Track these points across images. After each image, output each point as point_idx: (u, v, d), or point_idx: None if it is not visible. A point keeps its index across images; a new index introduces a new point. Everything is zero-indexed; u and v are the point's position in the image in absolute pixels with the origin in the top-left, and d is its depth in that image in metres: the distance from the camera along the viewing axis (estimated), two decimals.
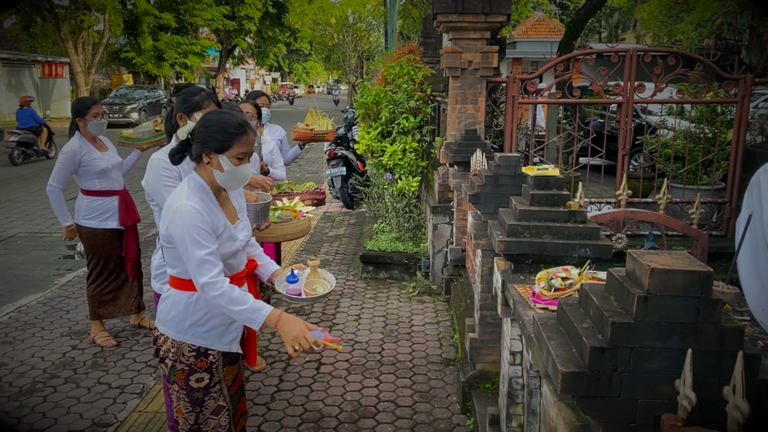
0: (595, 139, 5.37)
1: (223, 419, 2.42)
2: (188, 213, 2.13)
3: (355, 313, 5.08)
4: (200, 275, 2.13)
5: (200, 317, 2.29)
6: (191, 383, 2.35)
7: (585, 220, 2.43)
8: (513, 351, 2.52)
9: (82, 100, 4.36)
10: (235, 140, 2.20)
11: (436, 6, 4.77)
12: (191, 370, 2.34)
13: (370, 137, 6.01)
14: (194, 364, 2.33)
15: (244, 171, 2.25)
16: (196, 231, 2.13)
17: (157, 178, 2.77)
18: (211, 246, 2.16)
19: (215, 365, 2.37)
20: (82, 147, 4.20)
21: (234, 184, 2.30)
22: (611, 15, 31.64)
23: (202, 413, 2.38)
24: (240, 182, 2.30)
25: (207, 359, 2.34)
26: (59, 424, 3.44)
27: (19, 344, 4.46)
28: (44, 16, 23.26)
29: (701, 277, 1.34)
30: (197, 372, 2.34)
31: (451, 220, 5.40)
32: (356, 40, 24.95)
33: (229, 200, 2.40)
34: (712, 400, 1.34)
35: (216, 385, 2.39)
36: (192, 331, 2.30)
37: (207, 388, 2.36)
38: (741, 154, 5.27)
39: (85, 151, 4.21)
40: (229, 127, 2.20)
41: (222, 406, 2.41)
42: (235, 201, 2.46)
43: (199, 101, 2.87)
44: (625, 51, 5.25)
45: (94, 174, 4.24)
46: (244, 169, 2.24)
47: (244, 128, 2.22)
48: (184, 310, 2.29)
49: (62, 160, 4.15)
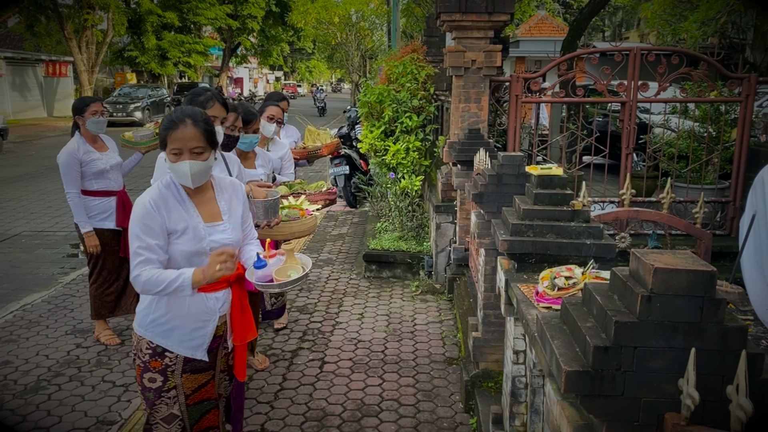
0: (598, 138, 5.36)
1: (174, 429, 2.33)
2: (137, 206, 2.18)
3: (358, 312, 5.08)
4: (132, 268, 2.14)
5: (161, 315, 2.26)
6: (144, 381, 2.30)
7: (588, 220, 2.43)
8: (516, 350, 2.52)
9: (82, 99, 4.38)
10: (167, 136, 2.18)
11: (440, 5, 4.77)
12: (145, 367, 2.29)
13: (374, 136, 6.02)
14: (149, 362, 2.28)
15: (182, 168, 2.18)
16: (138, 224, 2.15)
17: None
18: (147, 240, 2.13)
19: (171, 369, 2.29)
20: (80, 147, 4.19)
21: (182, 180, 2.22)
22: (615, 14, 31.57)
23: (152, 416, 2.31)
24: (183, 179, 2.21)
25: (162, 360, 2.27)
26: (64, 421, 3.45)
27: (24, 342, 4.48)
28: (48, 15, 23.33)
29: (705, 276, 1.34)
30: (150, 371, 2.28)
31: (454, 219, 5.40)
32: (359, 39, 24.94)
33: (215, 200, 2.35)
34: (716, 399, 1.34)
35: (170, 391, 2.30)
36: (152, 328, 2.27)
37: (159, 391, 2.29)
38: (745, 154, 5.26)
39: (83, 151, 4.20)
40: (164, 124, 2.20)
41: (175, 415, 2.32)
42: (226, 202, 2.38)
43: (204, 101, 2.93)
44: (628, 50, 5.24)
45: (92, 174, 4.23)
46: (182, 165, 2.17)
47: (175, 123, 2.17)
48: (148, 305, 2.29)
49: (63, 163, 4.14)
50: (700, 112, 6.26)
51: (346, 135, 9.48)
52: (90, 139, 4.26)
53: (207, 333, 2.32)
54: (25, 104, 25.96)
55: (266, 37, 39.26)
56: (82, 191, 4.25)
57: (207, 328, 2.31)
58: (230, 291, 2.38)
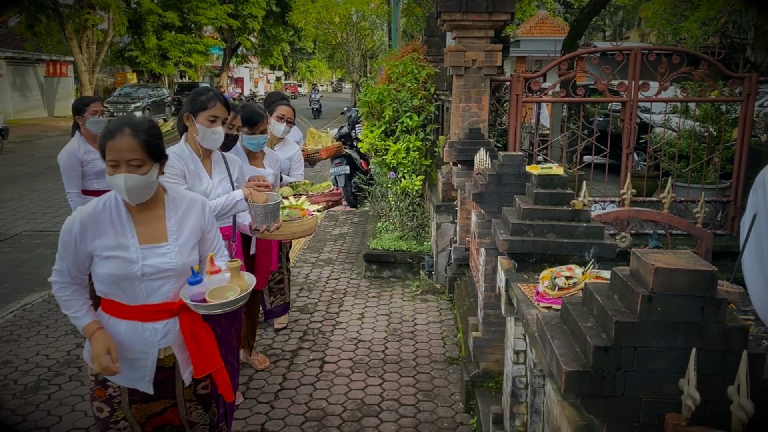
0: (599, 137, 5.35)
1: None
2: (66, 222, 2.10)
3: (358, 312, 5.08)
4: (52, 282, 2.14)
5: None
6: (94, 410, 2.18)
7: (589, 219, 2.43)
8: (516, 350, 2.52)
9: (82, 99, 4.39)
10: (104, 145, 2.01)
11: (440, 4, 4.76)
12: (93, 395, 2.18)
13: (374, 136, 6.01)
14: (94, 390, 2.16)
15: (117, 181, 2.00)
16: (59, 241, 2.10)
17: None
18: (60, 263, 2.10)
19: (116, 400, 2.14)
20: (81, 147, 4.21)
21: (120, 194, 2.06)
22: (615, 13, 31.56)
23: None
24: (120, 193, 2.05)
25: (106, 390, 2.14)
26: (64, 421, 3.45)
27: (24, 342, 4.48)
28: (49, 14, 23.33)
29: (705, 276, 1.33)
30: (96, 400, 2.16)
31: (454, 219, 5.40)
32: (360, 39, 24.93)
33: (163, 219, 2.14)
34: (717, 400, 1.33)
35: (119, 422, 2.16)
36: None
37: (107, 421, 2.16)
38: (746, 153, 5.25)
39: (84, 151, 4.21)
40: (102, 132, 2.08)
41: None
42: (177, 221, 2.16)
43: (205, 101, 2.93)
44: (629, 49, 5.23)
45: (93, 174, 4.24)
46: (117, 179, 2.00)
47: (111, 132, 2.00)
48: None
49: (64, 163, 4.15)
50: (700, 111, 6.26)
51: (346, 135, 9.48)
52: (90, 138, 4.26)
53: (147, 365, 2.13)
54: (25, 104, 25.97)
55: (267, 36, 39.26)
56: (82, 191, 4.25)
57: (147, 360, 2.12)
58: (176, 321, 2.15)
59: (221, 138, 2.97)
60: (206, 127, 2.91)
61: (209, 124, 2.91)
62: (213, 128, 2.92)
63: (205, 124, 2.91)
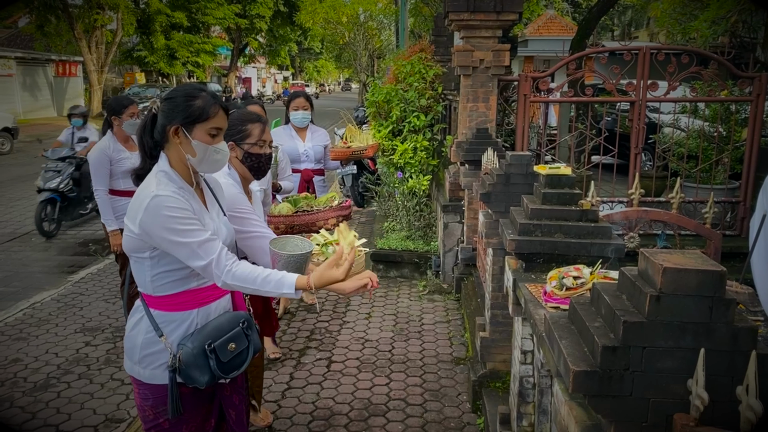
0: (607, 137, 5.33)
1: None
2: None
3: (365, 312, 5.08)
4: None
5: None
6: None
7: (597, 219, 2.42)
8: (524, 350, 2.52)
9: (119, 99, 4.45)
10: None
11: (448, 4, 4.76)
12: None
13: (381, 135, 6.02)
14: None
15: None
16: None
17: None
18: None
19: None
20: (111, 145, 4.27)
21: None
22: (624, 13, 31.42)
23: None
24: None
25: None
26: (73, 419, 3.48)
27: (34, 340, 4.52)
28: (58, 15, 23.52)
29: (714, 276, 1.33)
30: None
31: (461, 219, 5.39)
32: (367, 39, 24.97)
33: None
34: (725, 400, 1.33)
35: None
36: None
37: None
38: (756, 153, 5.22)
39: (114, 149, 4.27)
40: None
41: None
42: None
43: (204, 108, 2.69)
44: (638, 49, 5.21)
45: (120, 174, 4.29)
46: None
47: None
48: None
49: (94, 160, 4.21)
50: (710, 111, 6.22)
51: None
52: (122, 138, 4.32)
53: None
54: (35, 104, 26.12)
55: (274, 36, 39.40)
56: (109, 191, 4.30)
57: None
58: None
59: (226, 158, 2.09)
60: (207, 144, 1.99)
61: (210, 139, 1.99)
62: (216, 145, 2.01)
63: (206, 140, 1.98)
